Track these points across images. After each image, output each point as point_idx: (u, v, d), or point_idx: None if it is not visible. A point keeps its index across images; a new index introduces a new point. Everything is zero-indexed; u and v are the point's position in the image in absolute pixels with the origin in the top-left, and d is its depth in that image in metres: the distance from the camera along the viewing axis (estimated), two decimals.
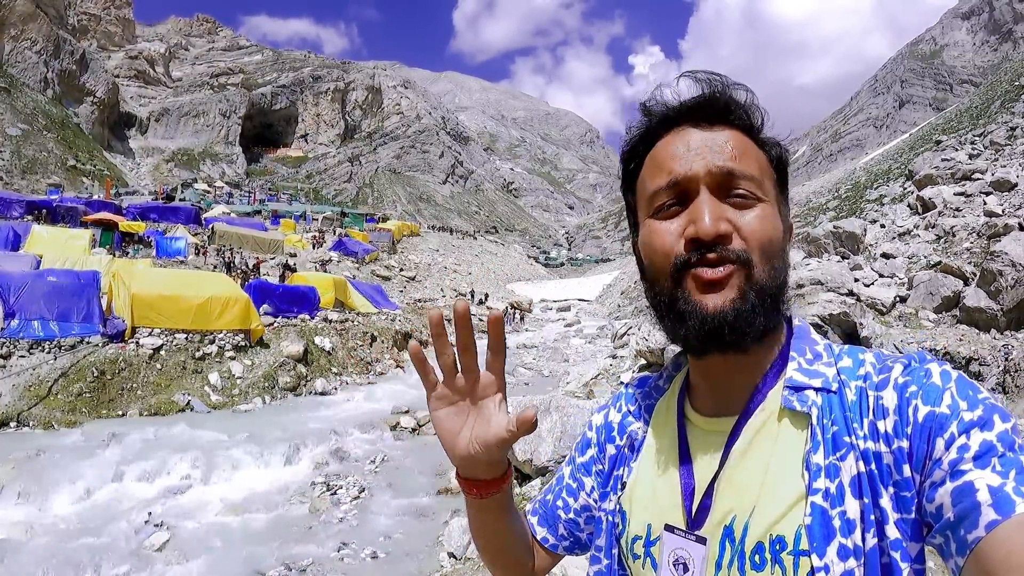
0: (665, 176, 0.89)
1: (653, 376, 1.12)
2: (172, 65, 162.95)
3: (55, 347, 14.27)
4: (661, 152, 0.91)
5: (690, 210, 0.86)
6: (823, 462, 0.80)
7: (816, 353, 0.91)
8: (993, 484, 0.65)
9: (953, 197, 14.82)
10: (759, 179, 0.88)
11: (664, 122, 0.93)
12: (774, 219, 0.88)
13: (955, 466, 0.69)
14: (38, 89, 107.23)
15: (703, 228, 0.83)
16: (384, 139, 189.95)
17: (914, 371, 0.80)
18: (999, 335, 8.64)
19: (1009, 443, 0.69)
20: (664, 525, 0.92)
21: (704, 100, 0.91)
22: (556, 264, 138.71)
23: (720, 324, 0.82)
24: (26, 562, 7.69)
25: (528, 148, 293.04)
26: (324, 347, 19.56)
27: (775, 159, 0.94)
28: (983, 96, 70.83)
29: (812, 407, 0.84)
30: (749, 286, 0.83)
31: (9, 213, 32.41)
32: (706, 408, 0.95)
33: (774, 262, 0.86)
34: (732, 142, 0.88)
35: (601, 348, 24.71)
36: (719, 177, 0.86)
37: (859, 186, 54.61)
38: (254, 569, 7.80)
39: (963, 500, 0.67)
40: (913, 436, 0.74)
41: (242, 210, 65.59)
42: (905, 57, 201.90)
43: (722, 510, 0.86)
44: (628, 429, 1.08)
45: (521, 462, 9.25)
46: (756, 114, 0.92)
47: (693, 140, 0.89)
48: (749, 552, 0.82)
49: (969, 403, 0.73)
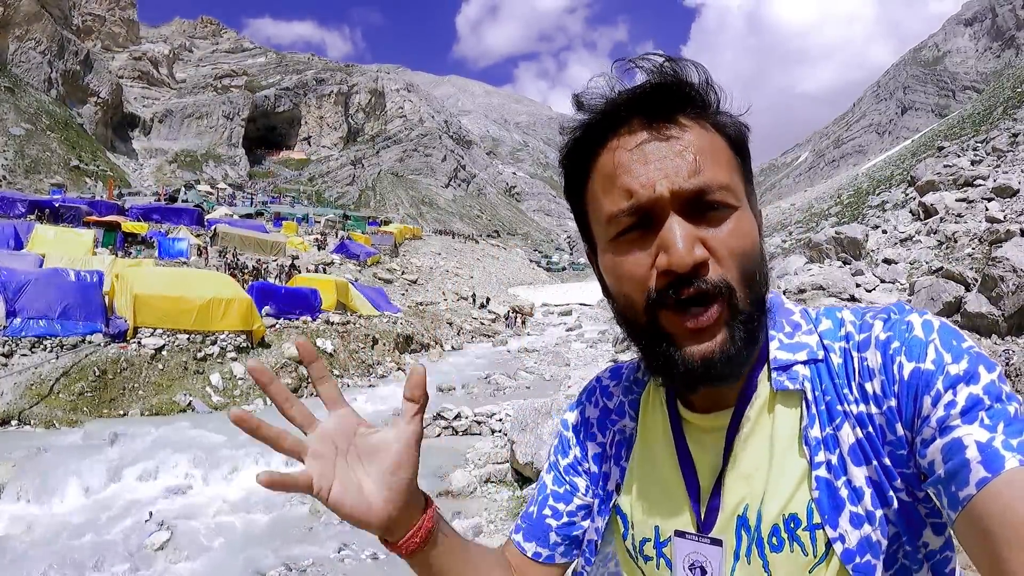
0: (624, 198, 0.79)
1: (627, 366, 1.08)
2: (176, 67, 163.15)
3: (57, 346, 14.29)
4: (611, 164, 0.81)
5: (660, 238, 0.77)
6: (820, 435, 0.80)
7: (794, 324, 0.88)
8: (981, 440, 0.65)
9: (955, 203, 14.83)
10: (728, 184, 0.79)
11: (608, 119, 0.83)
12: (749, 226, 0.81)
13: (943, 423, 0.69)
14: (42, 89, 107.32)
15: (677, 259, 0.75)
16: (387, 142, 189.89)
17: (895, 324, 0.78)
18: (1000, 340, 8.65)
19: (996, 394, 0.68)
20: (674, 531, 0.90)
21: (651, 88, 0.81)
22: (558, 268, 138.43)
23: (709, 367, 0.78)
24: (27, 561, 7.70)
25: (531, 152, 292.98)
26: (326, 349, 19.58)
27: (734, 140, 0.84)
28: (985, 102, 70.88)
29: (804, 381, 0.83)
30: (735, 320, 0.78)
31: (12, 212, 32.43)
32: (700, 404, 0.91)
33: (755, 278, 0.80)
34: (693, 145, 0.79)
35: (602, 352, 24.73)
36: (687, 196, 0.77)
37: (861, 192, 54.66)
38: (254, 569, 7.80)
39: (953, 457, 0.66)
40: (900, 394, 0.74)
41: (244, 212, 65.59)
42: (908, 63, 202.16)
43: (733, 502, 0.85)
44: (613, 427, 1.04)
45: (523, 465, 9.28)
46: (711, 94, 0.83)
47: (650, 151, 0.79)
48: (767, 536, 0.81)
49: (954, 355, 0.72)
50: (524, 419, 9.59)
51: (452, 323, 34.85)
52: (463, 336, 33.71)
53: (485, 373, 21.81)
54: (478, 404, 15.34)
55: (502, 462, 10.46)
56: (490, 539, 7.59)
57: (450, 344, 30.50)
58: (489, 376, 21.08)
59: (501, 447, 11.18)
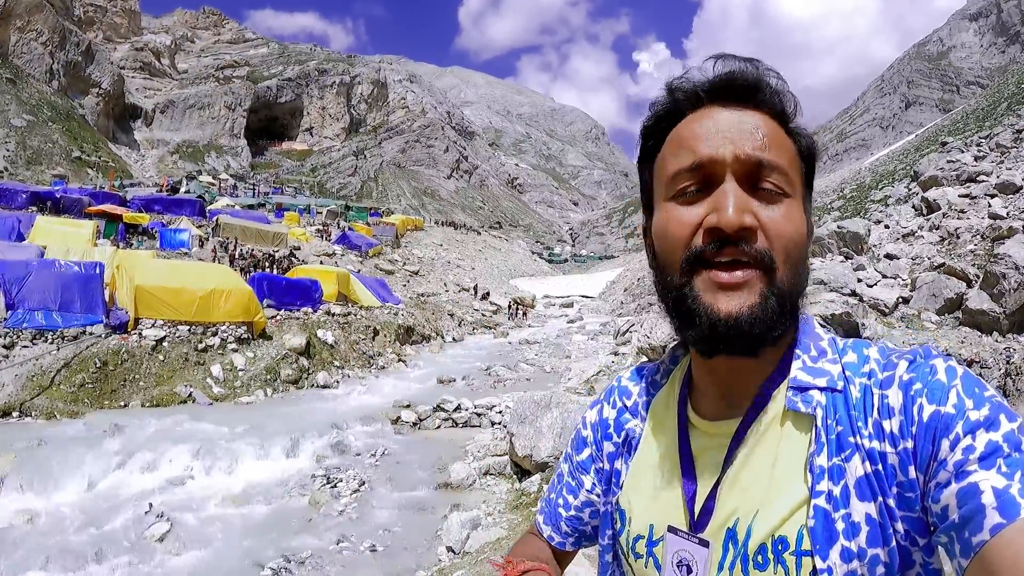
0: (689, 157, 0.84)
1: (649, 368, 1.09)
2: (177, 57, 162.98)
3: (58, 337, 14.30)
4: (685, 131, 0.86)
5: (713, 197, 0.81)
6: (827, 464, 0.79)
7: (820, 350, 0.87)
8: (998, 486, 0.64)
9: (958, 199, 14.78)
10: (788, 172, 0.83)
11: (690, 100, 0.88)
12: (800, 219, 0.84)
13: (960, 467, 0.68)
14: (43, 80, 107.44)
15: (726, 219, 0.78)
16: (389, 133, 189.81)
17: (919, 367, 0.78)
18: (1001, 338, 8.64)
19: (1015, 443, 0.67)
20: (667, 527, 0.91)
21: (733, 77, 0.86)
22: (560, 260, 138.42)
23: (732, 329, 0.78)
24: (28, 552, 7.72)
25: (533, 144, 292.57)
26: (326, 340, 19.58)
27: (804, 150, 0.89)
28: (990, 98, 70.77)
29: (817, 408, 0.82)
30: (771, 290, 0.79)
31: (14, 204, 32.42)
32: (709, 411, 0.92)
33: (797, 267, 0.82)
34: (763, 128, 0.83)
35: (603, 345, 24.69)
36: (747, 166, 0.81)
37: (864, 187, 54.61)
38: (254, 561, 7.82)
39: (968, 502, 0.65)
40: (918, 436, 0.73)
41: (246, 203, 65.60)
42: (912, 58, 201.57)
43: (725, 513, 0.85)
44: (625, 426, 1.05)
45: (521, 458, 9.28)
46: (788, 100, 0.88)
47: (721, 121, 0.84)
48: (752, 553, 0.81)
49: (975, 401, 0.71)
50: (523, 411, 9.60)
51: (453, 314, 34.86)
52: (464, 328, 33.75)
53: (485, 365, 21.84)
54: (478, 396, 15.35)
55: (501, 454, 10.48)
56: (488, 532, 7.61)
57: (451, 335, 30.50)
58: (489, 368, 21.10)
59: (500, 439, 11.19)
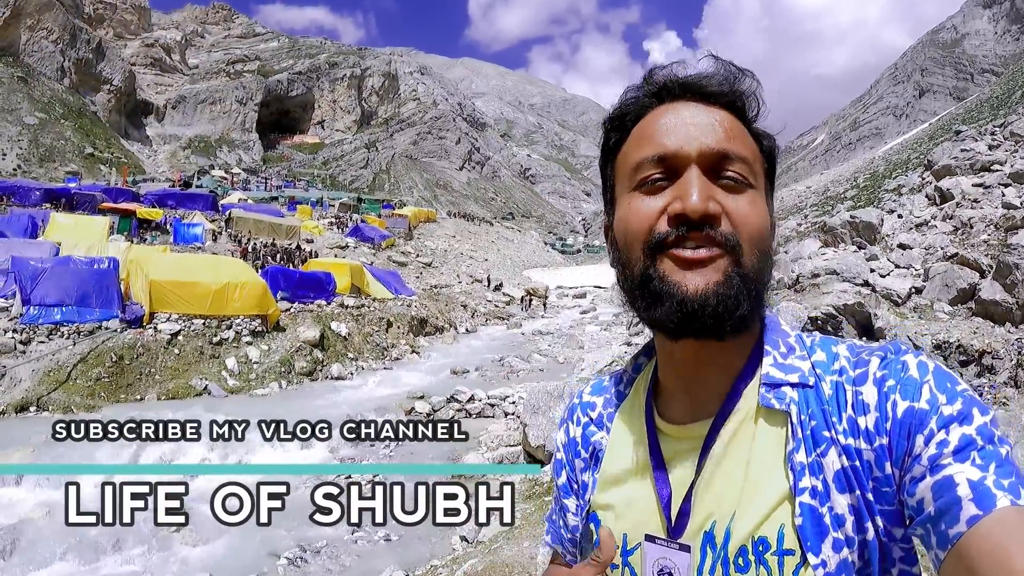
0: (652, 148, 0.83)
1: (612, 378, 1.08)
2: (188, 53, 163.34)
3: (74, 333, 14.45)
4: (649, 124, 0.86)
5: (676, 186, 0.81)
6: (806, 460, 0.79)
7: (789, 346, 0.87)
8: (973, 478, 0.65)
9: (971, 188, 14.65)
10: (751, 164, 0.84)
11: (657, 94, 0.88)
12: (764, 209, 0.84)
13: (935, 461, 0.69)
14: (55, 78, 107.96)
15: (690, 205, 0.78)
16: (400, 125, 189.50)
17: (891, 363, 0.78)
18: (1014, 329, 8.59)
19: (988, 436, 0.68)
20: (644, 535, 0.89)
21: (701, 76, 0.87)
22: (572, 251, 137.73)
23: (700, 307, 0.77)
24: (46, 544, 7.83)
25: (545, 135, 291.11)
26: (340, 332, 19.68)
27: (766, 151, 0.89)
28: (1004, 86, 70.10)
29: (790, 404, 0.82)
30: (736, 271, 0.79)
31: (28, 201, 32.68)
32: (677, 415, 0.91)
33: (763, 255, 0.82)
34: (727, 122, 0.84)
35: (616, 335, 24.69)
36: (711, 157, 0.81)
37: (877, 176, 54.24)
38: (270, 550, 7.92)
39: (944, 495, 0.66)
40: (892, 432, 0.73)
41: (259, 196, 65.75)
42: (926, 45, 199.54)
43: (701, 516, 0.84)
44: (592, 439, 1.04)
45: (535, 448, 9.31)
46: (753, 102, 0.88)
47: (685, 114, 0.84)
48: (733, 556, 0.80)
49: (948, 396, 0.72)
50: (537, 402, 9.63)
51: (466, 306, 34.89)
52: (477, 319, 33.81)
53: (499, 356, 21.92)
54: (491, 387, 15.41)
55: (514, 445, 10.51)
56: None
57: (464, 327, 30.61)
58: (503, 359, 21.18)
59: (514, 430, 11.21)
